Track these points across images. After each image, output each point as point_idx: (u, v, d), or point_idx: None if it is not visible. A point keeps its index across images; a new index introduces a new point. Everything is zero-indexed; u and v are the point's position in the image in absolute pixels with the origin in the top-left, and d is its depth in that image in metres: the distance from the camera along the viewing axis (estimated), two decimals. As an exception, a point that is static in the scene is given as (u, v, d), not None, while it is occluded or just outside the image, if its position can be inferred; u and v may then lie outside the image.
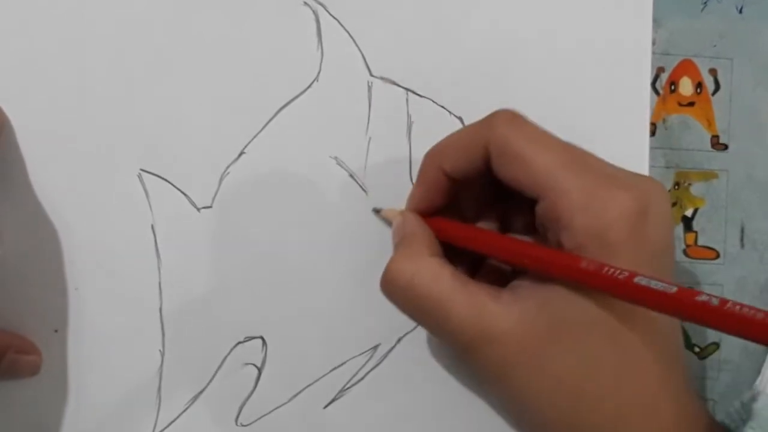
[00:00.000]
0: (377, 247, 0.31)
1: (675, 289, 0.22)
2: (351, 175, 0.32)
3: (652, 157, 0.33)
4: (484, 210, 0.31)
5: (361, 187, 0.32)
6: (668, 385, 0.26)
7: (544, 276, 0.26)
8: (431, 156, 0.29)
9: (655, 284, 0.22)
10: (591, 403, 0.25)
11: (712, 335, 0.34)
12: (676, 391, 0.26)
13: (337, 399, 0.32)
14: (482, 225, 0.31)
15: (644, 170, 0.33)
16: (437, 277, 0.27)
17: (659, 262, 0.26)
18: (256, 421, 0.32)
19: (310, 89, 0.32)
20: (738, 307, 0.21)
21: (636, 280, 0.23)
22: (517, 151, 0.26)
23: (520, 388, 0.26)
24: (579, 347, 0.25)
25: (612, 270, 0.23)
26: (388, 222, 0.31)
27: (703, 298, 0.21)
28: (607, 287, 0.24)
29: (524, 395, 0.26)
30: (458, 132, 0.29)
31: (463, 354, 0.27)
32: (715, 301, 0.21)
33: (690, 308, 0.22)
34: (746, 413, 0.28)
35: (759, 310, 0.20)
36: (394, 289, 0.28)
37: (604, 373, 0.25)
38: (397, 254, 0.28)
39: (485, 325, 0.26)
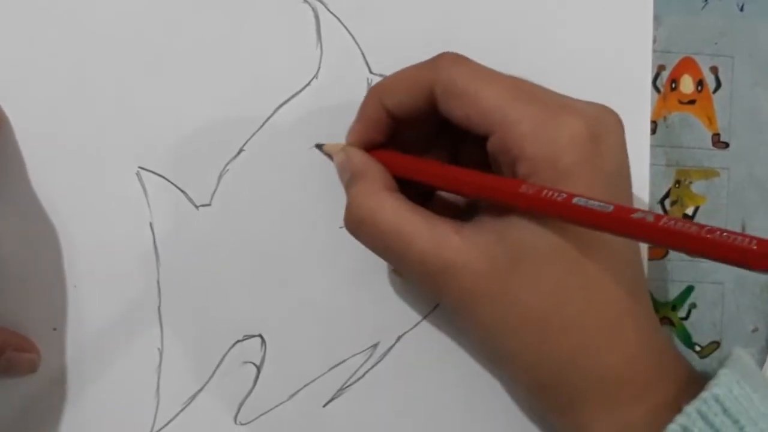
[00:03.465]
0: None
1: (611, 207, 0.23)
2: (350, 173, 0.32)
3: (653, 155, 0.33)
4: (432, 154, 0.30)
5: (360, 185, 0.32)
6: (631, 315, 0.26)
7: (503, 209, 0.26)
8: (374, 92, 0.29)
9: (592, 204, 0.23)
10: (556, 333, 0.25)
11: (712, 334, 0.34)
12: (639, 321, 0.26)
13: (336, 397, 0.32)
14: None
15: (645, 168, 0.33)
16: (398, 212, 0.27)
17: (615, 186, 0.26)
18: (255, 419, 0.32)
19: (309, 87, 0.32)
20: (672, 222, 0.21)
21: (574, 200, 0.23)
22: (464, 89, 0.26)
23: (484, 320, 0.26)
24: (542, 277, 0.25)
25: (551, 192, 0.24)
26: (331, 156, 0.31)
27: (639, 215, 0.22)
28: (547, 209, 0.24)
29: (489, 327, 0.26)
30: (403, 70, 0.28)
31: (428, 287, 0.27)
32: (650, 218, 0.22)
33: (626, 225, 0.22)
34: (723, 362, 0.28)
35: (693, 224, 0.21)
36: (358, 226, 0.28)
37: (568, 302, 0.25)
38: (356, 191, 0.28)
39: (447, 258, 0.26)
